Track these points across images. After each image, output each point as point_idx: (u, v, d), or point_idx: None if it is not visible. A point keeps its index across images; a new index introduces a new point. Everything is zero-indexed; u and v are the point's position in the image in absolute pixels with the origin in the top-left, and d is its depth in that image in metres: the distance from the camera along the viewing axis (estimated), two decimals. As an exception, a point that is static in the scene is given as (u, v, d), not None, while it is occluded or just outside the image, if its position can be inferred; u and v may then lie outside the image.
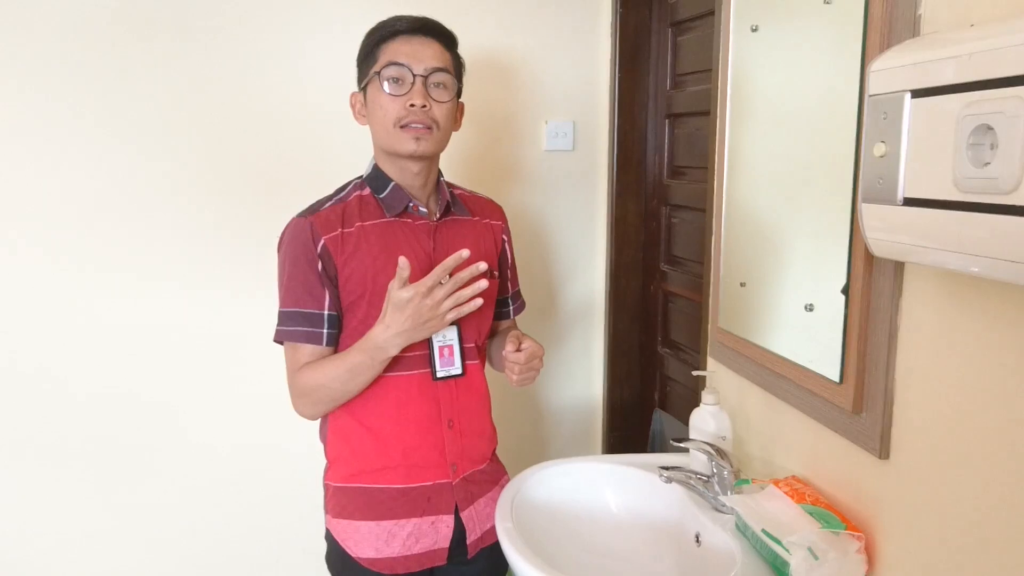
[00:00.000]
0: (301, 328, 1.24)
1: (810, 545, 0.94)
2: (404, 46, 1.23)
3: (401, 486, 1.29)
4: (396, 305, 1.14)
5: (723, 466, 1.17)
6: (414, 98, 1.21)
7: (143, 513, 1.85)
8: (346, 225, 1.24)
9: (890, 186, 0.75)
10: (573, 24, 1.97)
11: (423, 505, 1.30)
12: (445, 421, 1.31)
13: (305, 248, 1.22)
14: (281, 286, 1.26)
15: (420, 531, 1.30)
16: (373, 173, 1.30)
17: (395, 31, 1.24)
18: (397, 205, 1.27)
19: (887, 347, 0.91)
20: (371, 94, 1.25)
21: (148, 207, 1.75)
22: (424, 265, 1.27)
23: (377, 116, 1.24)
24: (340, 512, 1.31)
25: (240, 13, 1.74)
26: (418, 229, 1.29)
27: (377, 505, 1.29)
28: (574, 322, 2.12)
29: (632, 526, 1.29)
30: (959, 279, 0.81)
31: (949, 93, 0.67)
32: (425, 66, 1.23)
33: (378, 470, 1.29)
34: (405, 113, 1.22)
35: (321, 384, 1.23)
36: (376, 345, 1.18)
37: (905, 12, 0.85)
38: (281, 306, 1.26)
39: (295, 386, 1.26)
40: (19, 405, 1.75)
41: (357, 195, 1.29)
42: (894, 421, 0.92)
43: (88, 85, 1.68)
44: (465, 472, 1.34)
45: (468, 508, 1.33)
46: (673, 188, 1.88)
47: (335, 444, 1.33)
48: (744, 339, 1.25)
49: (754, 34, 1.18)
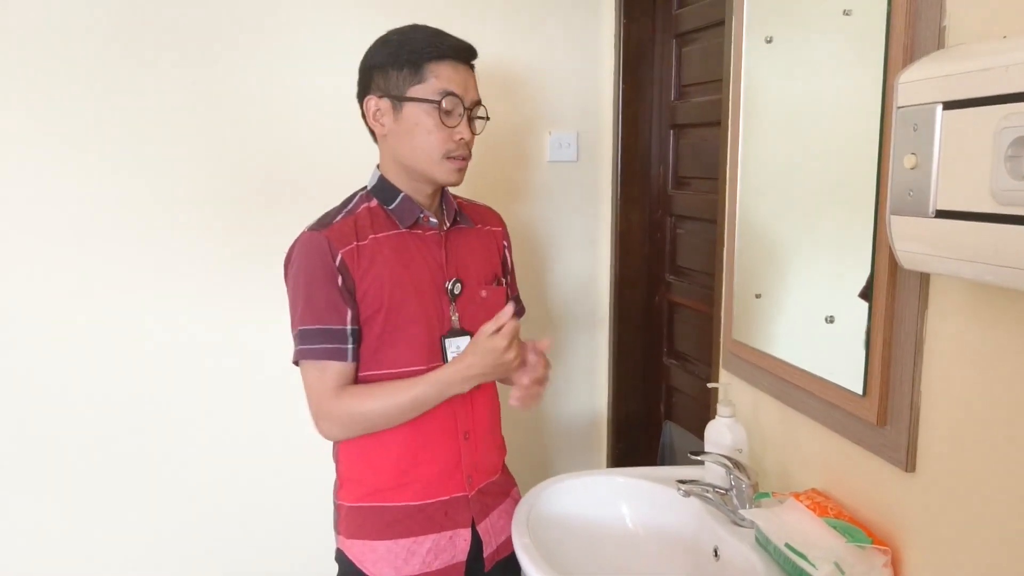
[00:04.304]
0: (326, 345, 1.20)
1: (837, 560, 0.93)
2: (455, 74, 1.21)
3: (419, 503, 1.27)
4: (486, 350, 1.17)
5: (741, 479, 1.16)
6: (464, 133, 1.22)
7: (141, 516, 1.82)
8: (360, 238, 1.22)
9: (921, 198, 0.74)
10: (576, 35, 1.97)
11: (440, 520, 1.28)
12: (462, 433, 1.30)
13: (323, 263, 1.19)
14: (297, 304, 1.22)
15: (439, 547, 1.28)
16: (379, 184, 1.28)
17: (444, 54, 1.21)
18: (409, 217, 1.26)
19: (912, 359, 0.90)
20: (414, 114, 1.21)
21: (150, 214, 1.73)
22: (437, 276, 1.26)
23: (419, 141, 1.22)
24: (355, 532, 1.28)
25: (244, 22, 1.73)
26: (429, 240, 1.28)
27: (394, 523, 1.27)
28: (578, 333, 2.11)
29: (648, 540, 1.28)
30: (986, 290, 0.81)
31: (985, 105, 0.66)
32: (471, 99, 1.24)
33: (395, 487, 1.27)
34: (454, 146, 1.22)
35: (373, 411, 1.20)
36: (452, 382, 1.20)
37: (929, 24, 0.85)
38: (300, 324, 1.21)
39: (331, 409, 1.21)
40: (19, 406, 1.72)
41: (365, 207, 1.26)
42: (920, 433, 0.91)
43: (89, 93, 1.66)
44: (480, 484, 1.33)
45: (484, 521, 1.32)
46: (678, 199, 1.88)
47: (350, 463, 1.30)
48: (760, 351, 1.24)
49: (768, 45, 1.18)
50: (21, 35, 1.61)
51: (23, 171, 1.66)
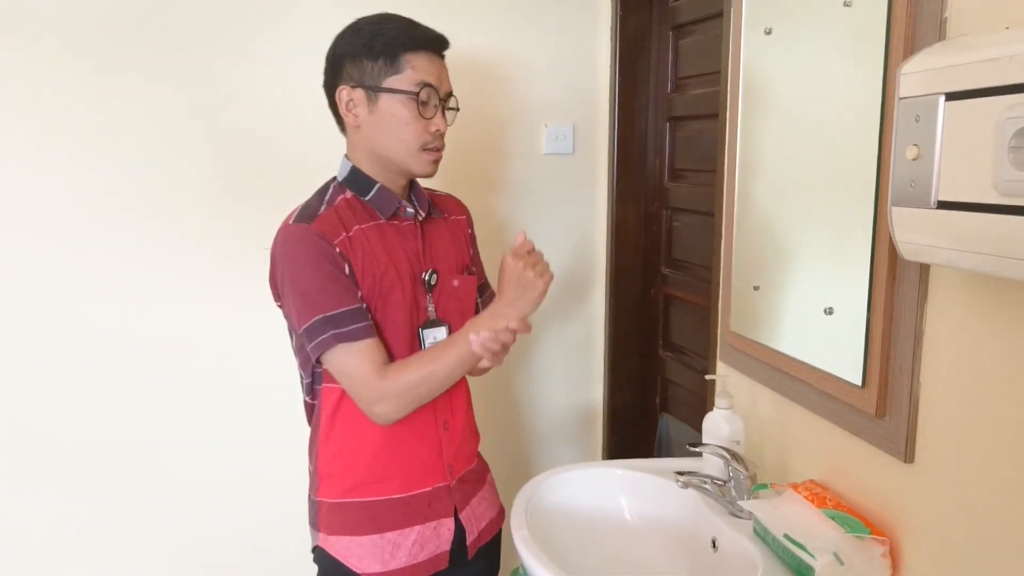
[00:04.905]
0: (356, 325, 1.17)
1: (835, 550, 0.93)
2: (431, 65, 1.21)
3: (402, 495, 1.26)
4: (502, 276, 1.23)
5: (739, 470, 1.16)
6: (440, 125, 1.22)
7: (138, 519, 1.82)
8: (347, 229, 1.21)
9: (923, 189, 0.75)
10: (573, 27, 1.97)
11: (424, 511, 1.28)
12: (442, 423, 1.29)
13: (324, 251, 1.17)
14: (306, 294, 1.17)
15: (424, 538, 1.27)
16: (352, 175, 1.26)
17: (420, 44, 1.20)
18: (388, 208, 1.25)
19: (912, 350, 0.90)
20: (390, 106, 1.19)
21: (148, 212, 1.72)
22: (416, 267, 1.26)
23: (395, 132, 1.20)
24: (337, 529, 1.26)
25: (247, 22, 1.71)
26: (406, 230, 1.28)
27: (378, 517, 1.26)
28: (574, 326, 2.11)
29: (647, 532, 1.29)
30: (986, 281, 0.81)
31: (988, 96, 0.66)
32: (446, 90, 1.24)
33: (377, 481, 1.26)
34: (431, 138, 1.22)
35: (424, 378, 1.19)
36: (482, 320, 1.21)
37: (930, 15, 0.85)
38: (319, 313, 1.16)
39: (384, 389, 1.17)
40: (19, 409, 1.71)
41: (343, 198, 1.24)
42: (919, 424, 0.91)
43: (86, 92, 1.64)
44: (460, 473, 1.33)
45: (465, 508, 1.32)
46: (674, 191, 1.88)
47: (328, 458, 1.28)
48: (757, 343, 1.24)
49: (768, 37, 1.18)
50: (20, 35, 1.59)
51: (21, 170, 1.64)
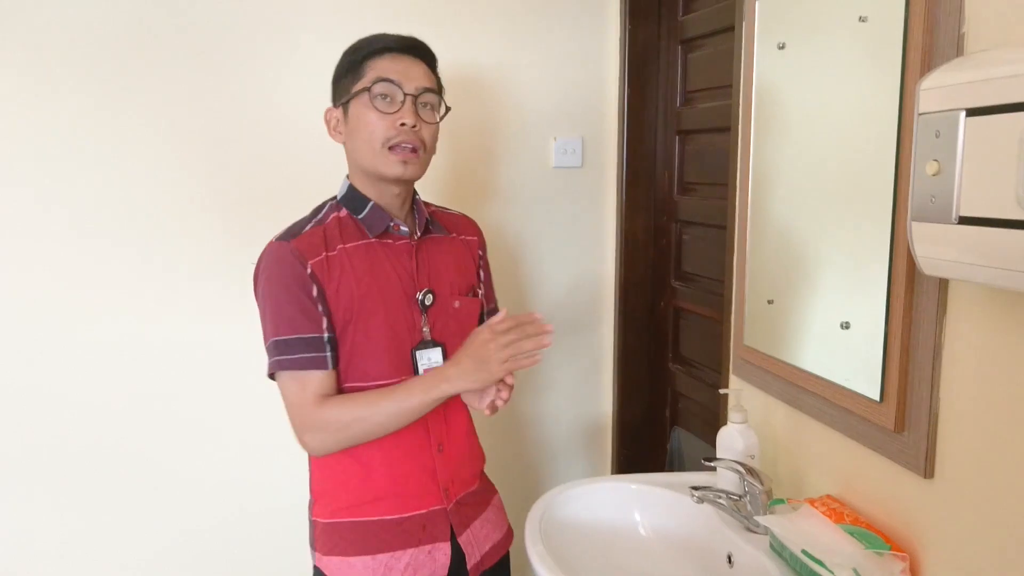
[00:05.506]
0: (304, 355, 1.16)
1: (855, 566, 0.93)
2: (394, 64, 1.19)
3: (394, 517, 1.24)
4: (468, 342, 1.15)
5: (755, 485, 1.16)
6: (405, 117, 1.17)
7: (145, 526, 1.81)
8: (329, 248, 1.19)
9: (944, 205, 0.75)
10: (581, 40, 1.98)
11: (419, 535, 1.25)
12: (435, 445, 1.27)
13: (294, 272, 1.16)
14: (268, 314, 1.17)
15: (417, 562, 1.25)
16: (349, 193, 1.26)
17: (384, 48, 1.20)
18: (378, 225, 1.23)
19: (931, 364, 0.90)
20: (355, 110, 1.19)
21: (153, 216, 1.72)
22: (408, 286, 1.24)
23: (362, 134, 1.19)
24: (331, 549, 1.25)
25: (250, 25, 1.73)
26: (399, 249, 1.25)
27: (370, 538, 1.24)
28: (583, 338, 2.11)
29: (661, 547, 1.28)
30: (1006, 296, 0.81)
31: (1010, 112, 0.67)
32: (416, 85, 1.19)
33: (369, 502, 1.24)
34: (395, 133, 1.17)
35: (359, 418, 1.15)
36: (434, 378, 1.15)
37: (948, 31, 0.85)
38: (274, 335, 1.16)
39: (315, 420, 1.16)
40: (26, 414, 1.71)
41: (335, 216, 1.24)
42: (939, 439, 0.91)
43: (96, 102, 1.65)
44: (458, 495, 1.30)
45: (465, 532, 1.29)
46: (683, 204, 1.88)
47: (321, 478, 1.27)
48: (772, 357, 1.24)
49: (781, 51, 1.18)
50: (22, 38, 1.60)
51: (23, 172, 1.65)
